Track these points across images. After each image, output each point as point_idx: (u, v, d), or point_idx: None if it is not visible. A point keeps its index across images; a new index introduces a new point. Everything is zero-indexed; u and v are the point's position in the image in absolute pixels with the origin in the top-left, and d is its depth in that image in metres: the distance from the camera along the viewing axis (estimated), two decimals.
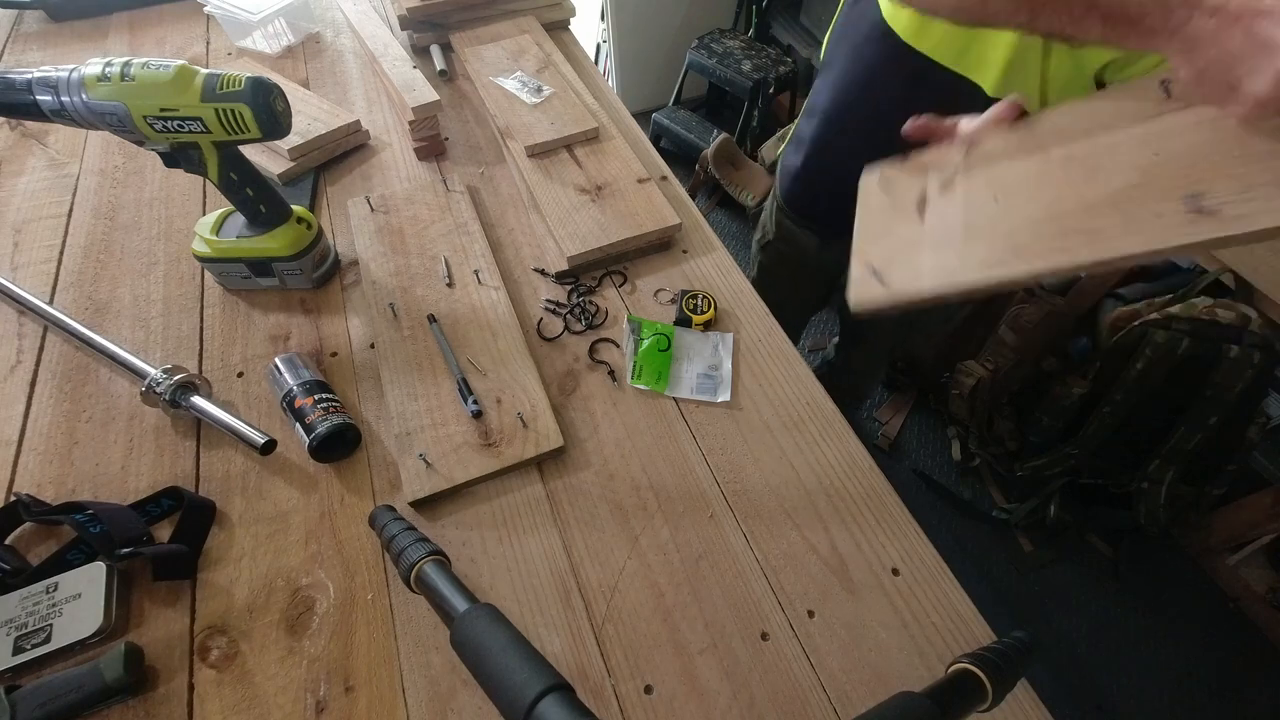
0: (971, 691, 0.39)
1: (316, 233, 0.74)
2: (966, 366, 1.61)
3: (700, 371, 0.70)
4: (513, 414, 0.64)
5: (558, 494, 0.62)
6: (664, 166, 0.93)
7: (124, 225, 0.83)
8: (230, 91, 0.58)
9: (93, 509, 0.55)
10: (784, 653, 0.54)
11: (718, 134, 2.16)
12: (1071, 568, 1.51)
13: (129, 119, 0.58)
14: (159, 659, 0.52)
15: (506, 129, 0.89)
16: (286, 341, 0.72)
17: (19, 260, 0.79)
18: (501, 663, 0.36)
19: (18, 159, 0.91)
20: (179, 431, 0.65)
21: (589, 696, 0.51)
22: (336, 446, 0.62)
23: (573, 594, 0.56)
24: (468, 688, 0.51)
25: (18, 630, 0.51)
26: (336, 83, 1.03)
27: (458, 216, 0.82)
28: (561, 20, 1.14)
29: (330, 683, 0.51)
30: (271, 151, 0.88)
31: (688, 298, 0.76)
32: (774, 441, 0.66)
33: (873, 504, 0.62)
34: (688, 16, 2.34)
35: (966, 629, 0.55)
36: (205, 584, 0.56)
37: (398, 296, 0.73)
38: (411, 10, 1.03)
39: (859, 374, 1.43)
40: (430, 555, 0.44)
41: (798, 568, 0.58)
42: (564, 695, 0.33)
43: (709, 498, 0.62)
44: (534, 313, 0.76)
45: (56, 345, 0.71)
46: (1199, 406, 1.28)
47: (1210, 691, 1.36)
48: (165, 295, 0.76)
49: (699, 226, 0.85)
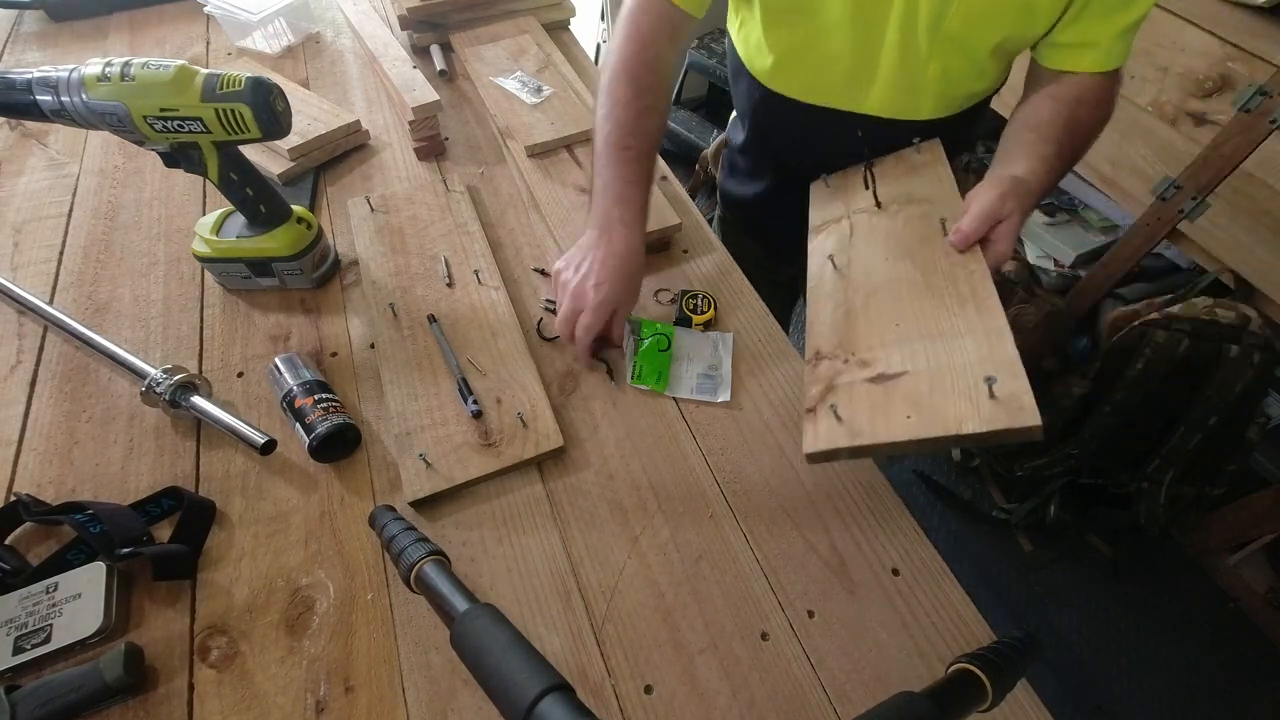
0: (971, 691, 0.39)
1: (316, 233, 0.74)
2: None
3: (700, 371, 0.70)
4: (513, 414, 0.64)
5: (558, 494, 0.62)
6: (664, 166, 0.93)
7: (124, 225, 0.83)
8: (230, 91, 0.58)
9: (93, 509, 0.55)
10: (784, 653, 0.54)
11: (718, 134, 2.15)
12: (1071, 568, 1.51)
13: (129, 119, 0.58)
14: (159, 659, 0.52)
15: (506, 129, 0.89)
16: (286, 341, 0.72)
17: (19, 260, 0.79)
18: (501, 663, 0.36)
19: (18, 159, 0.91)
20: (179, 431, 0.65)
21: (589, 696, 0.51)
22: (336, 446, 0.62)
23: (573, 594, 0.56)
24: (468, 688, 0.51)
25: (18, 630, 0.51)
26: (336, 83, 1.03)
27: (458, 216, 0.82)
28: (561, 20, 1.14)
29: (330, 683, 0.51)
30: (271, 151, 0.88)
31: (688, 298, 0.76)
32: (774, 441, 0.66)
33: (873, 504, 0.62)
34: None
35: (966, 629, 0.55)
36: (205, 584, 0.56)
37: (398, 296, 0.73)
38: (411, 10, 1.03)
39: None
40: (430, 555, 0.44)
41: (798, 568, 0.58)
42: (564, 695, 0.33)
43: (709, 498, 0.62)
44: (534, 313, 0.76)
45: (56, 345, 0.71)
46: (1199, 406, 1.28)
47: (1210, 691, 1.36)
48: (165, 295, 0.76)
49: (699, 226, 0.85)
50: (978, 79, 0.71)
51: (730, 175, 0.98)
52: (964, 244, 0.58)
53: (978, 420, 0.46)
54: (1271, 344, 1.19)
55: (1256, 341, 1.19)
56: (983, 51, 0.66)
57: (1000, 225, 0.58)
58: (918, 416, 0.49)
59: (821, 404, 0.55)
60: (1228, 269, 1.25)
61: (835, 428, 0.52)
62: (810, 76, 0.73)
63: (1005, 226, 0.58)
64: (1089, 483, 1.50)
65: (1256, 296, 1.23)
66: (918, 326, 0.55)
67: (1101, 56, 0.64)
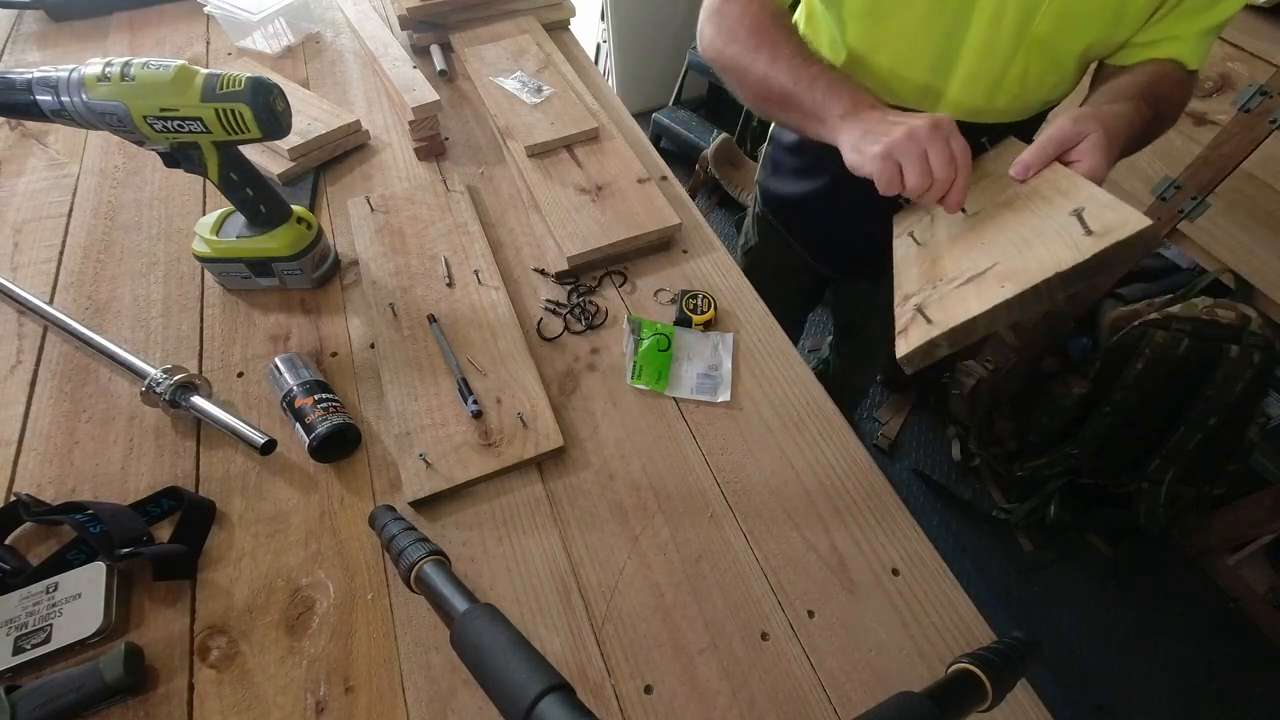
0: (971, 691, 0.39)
1: (316, 233, 0.74)
2: (966, 366, 1.61)
3: (700, 371, 0.70)
4: (513, 414, 0.64)
5: (558, 494, 0.62)
6: (664, 166, 0.93)
7: (124, 225, 0.83)
8: (230, 91, 0.58)
9: (93, 509, 0.55)
10: (784, 653, 0.54)
11: (718, 134, 2.16)
12: (1071, 568, 1.51)
13: (129, 119, 0.58)
14: (159, 659, 0.52)
15: (506, 129, 0.89)
16: (286, 341, 0.72)
17: (19, 260, 0.79)
18: (501, 663, 0.36)
19: (18, 159, 0.91)
20: (179, 431, 0.65)
21: (589, 696, 0.51)
22: (336, 446, 0.62)
23: (573, 594, 0.56)
24: (468, 688, 0.51)
25: (18, 630, 0.51)
26: (336, 83, 1.03)
27: (458, 216, 0.82)
28: (561, 20, 1.14)
29: (330, 683, 0.51)
30: (271, 151, 0.88)
31: (688, 298, 0.76)
32: (774, 441, 0.66)
33: (873, 504, 0.62)
34: (688, 16, 2.34)
35: (966, 629, 0.55)
36: (205, 584, 0.56)
37: (398, 296, 0.73)
38: (411, 10, 1.03)
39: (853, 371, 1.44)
40: (430, 555, 0.44)
41: (798, 568, 0.58)
42: (564, 695, 0.33)
43: (709, 498, 0.62)
44: (534, 313, 0.76)
45: (56, 345, 0.71)
46: (1199, 406, 1.28)
47: (1210, 691, 1.36)
48: (165, 295, 0.76)
49: (699, 226, 0.85)
50: (1055, 85, 0.68)
51: (775, 174, 0.95)
52: (1024, 173, 0.53)
53: (1076, 252, 0.42)
54: (1271, 344, 1.19)
55: (1256, 341, 1.19)
56: (1068, 56, 0.64)
57: (1079, 145, 0.52)
58: (1011, 281, 0.46)
59: (913, 323, 0.52)
60: (1228, 269, 1.25)
61: (926, 328, 0.49)
62: (884, 76, 0.70)
63: (1084, 145, 0.51)
64: (1089, 483, 1.50)
65: (1256, 296, 1.23)
66: (1003, 235, 0.51)
67: (1181, 48, 0.61)
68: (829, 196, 0.86)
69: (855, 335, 1.31)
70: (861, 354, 1.37)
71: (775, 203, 0.98)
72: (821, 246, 0.97)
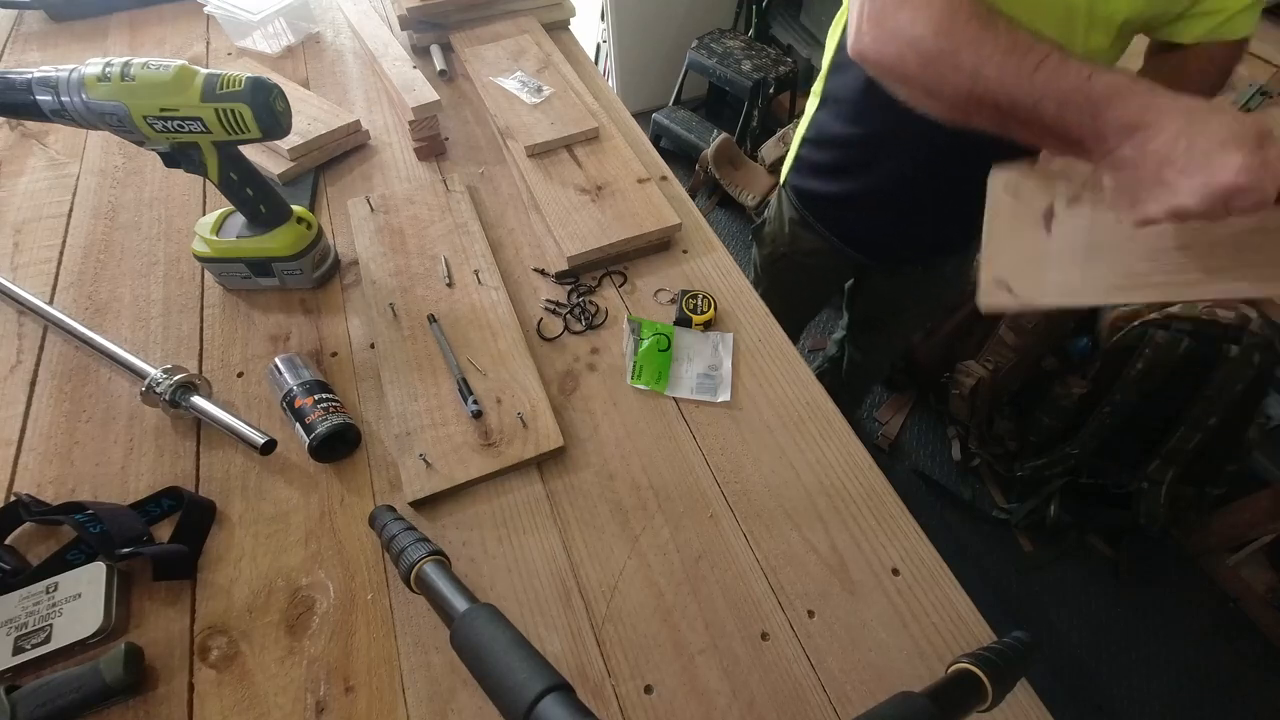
0: (971, 691, 0.39)
1: (316, 233, 0.74)
2: (966, 366, 1.61)
3: (700, 371, 0.70)
4: (513, 414, 0.64)
5: (558, 494, 0.62)
6: (664, 166, 0.93)
7: (124, 225, 0.83)
8: (230, 91, 0.58)
9: (93, 509, 0.55)
10: (784, 653, 0.54)
11: (718, 134, 2.16)
12: (1071, 568, 1.51)
13: (129, 119, 0.58)
14: (159, 659, 0.52)
15: (506, 129, 0.89)
16: (286, 341, 0.72)
17: (19, 260, 0.79)
18: (501, 663, 0.36)
19: (18, 159, 0.91)
20: (179, 431, 0.65)
21: (589, 696, 0.51)
22: (336, 446, 0.62)
23: (573, 594, 0.56)
24: (468, 688, 0.51)
25: (18, 630, 0.51)
26: (336, 83, 1.03)
27: (458, 216, 0.82)
28: (561, 20, 1.14)
29: (330, 683, 0.51)
30: (271, 151, 0.88)
31: (688, 298, 0.76)
32: (774, 441, 0.66)
33: (873, 504, 0.62)
34: (688, 16, 2.35)
35: (966, 629, 0.55)
36: (205, 584, 0.56)
37: (398, 296, 0.73)
38: (411, 10, 1.03)
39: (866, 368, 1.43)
40: (430, 555, 0.44)
41: (798, 568, 0.58)
42: (564, 695, 0.33)
43: (709, 498, 0.62)
44: (534, 313, 0.76)
45: (56, 345, 0.71)
46: (1199, 406, 1.28)
47: (1210, 692, 1.36)
48: (165, 295, 0.76)
49: (699, 226, 0.85)
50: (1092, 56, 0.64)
51: (816, 174, 0.93)
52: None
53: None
54: (1271, 344, 1.19)
55: (1256, 341, 1.19)
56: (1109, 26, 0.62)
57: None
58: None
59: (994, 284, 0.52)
60: None
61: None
62: None
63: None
64: (1089, 483, 1.50)
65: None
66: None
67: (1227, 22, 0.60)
68: (901, 186, 0.82)
69: (877, 328, 1.28)
70: (882, 345, 1.36)
71: (820, 202, 0.95)
72: (874, 240, 0.95)
